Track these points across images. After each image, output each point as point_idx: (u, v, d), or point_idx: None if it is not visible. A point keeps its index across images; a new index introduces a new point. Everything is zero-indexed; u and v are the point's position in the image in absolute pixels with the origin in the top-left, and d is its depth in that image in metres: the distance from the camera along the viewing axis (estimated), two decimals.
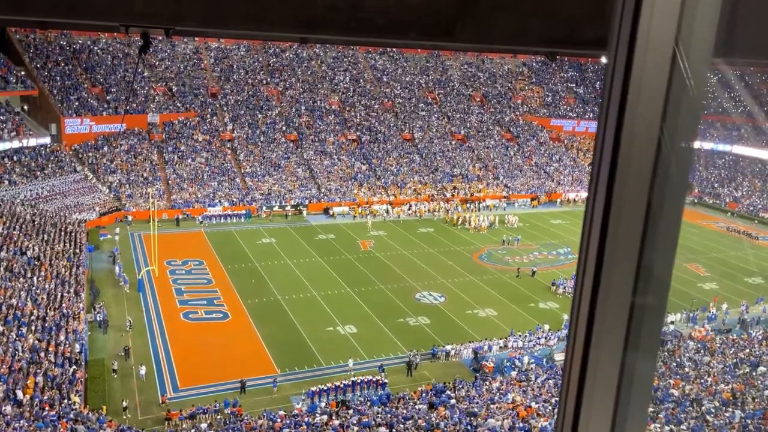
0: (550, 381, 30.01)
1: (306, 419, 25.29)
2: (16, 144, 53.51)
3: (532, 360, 32.69)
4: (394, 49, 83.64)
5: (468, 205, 64.34)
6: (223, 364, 30.74)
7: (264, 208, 58.30)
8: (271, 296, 39.35)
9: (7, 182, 49.57)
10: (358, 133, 71.74)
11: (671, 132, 1.14)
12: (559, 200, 69.55)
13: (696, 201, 73.59)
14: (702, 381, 28.87)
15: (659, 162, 1.15)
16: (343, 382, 28.92)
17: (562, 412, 1.31)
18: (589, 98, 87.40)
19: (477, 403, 27.15)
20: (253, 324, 35.37)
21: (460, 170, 70.81)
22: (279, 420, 25.05)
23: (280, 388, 28.92)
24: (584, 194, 71.28)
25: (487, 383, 30.02)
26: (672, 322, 37.80)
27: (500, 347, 33.56)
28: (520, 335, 34.67)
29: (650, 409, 25.20)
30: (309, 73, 77.58)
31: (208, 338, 33.62)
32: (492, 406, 26.65)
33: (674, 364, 31.51)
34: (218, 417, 26.35)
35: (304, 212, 59.12)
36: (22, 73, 57.76)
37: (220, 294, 39.44)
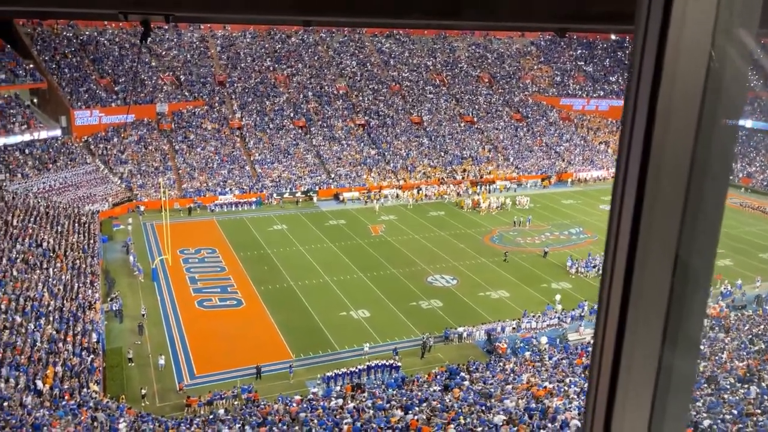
0: (564, 361, 30.05)
1: (322, 403, 25.53)
2: (27, 137, 53.87)
3: (546, 341, 32.72)
4: (400, 32, 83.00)
5: (478, 187, 64.11)
6: (239, 350, 31.04)
7: (274, 195, 58.44)
8: (284, 282, 39.57)
9: (20, 175, 49.99)
10: (366, 118, 71.51)
11: (712, 111, 1.08)
12: (570, 180, 69.13)
13: None
14: (717, 358, 28.78)
15: (699, 143, 1.09)
16: (358, 366, 29.12)
17: (592, 408, 1.26)
18: (598, 76, 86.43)
19: (491, 384, 27.25)
20: (266, 310, 35.63)
21: (469, 152, 70.48)
22: (295, 404, 25.31)
23: (296, 374, 29.18)
24: (595, 173, 70.80)
25: (501, 364, 30.11)
26: None
27: (513, 328, 33.60)
28: (533, 316, 34.67)
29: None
30: (316, 58, 77.25)
31: (222, 325, 33.92)
32: (506, 386, 26.74)
33: None
34: (235, 402, 26.67)
35: (315, 198, 59.20)
36: (31, 66, 57.97)
37: (234, 281, 39.71)
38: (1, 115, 53.66)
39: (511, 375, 28.44)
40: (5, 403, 23.71)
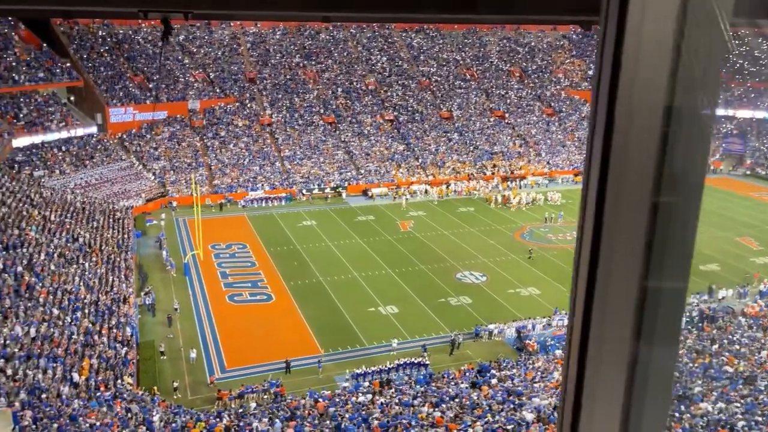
0: None
1: (350, 398, 25.61)
2: (64, 134, 55.13)
3: None
4: (430, 27, 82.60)
5: (509, 183, 63.50)
6: (268, 344, 31.33)
7: (304, 190, 58.77)
8: (313, 278, 39.79)
9: (57, 171, 51.19)
10: (395, 113, 71.38)
11: (679, 105, 1.00)
12: None
13: (748, 173, 70.94)
14: (757, 358, 28.03)
15: (665, 137, 1.01)
16: (387, 364, 29.10)
17: (561, 411, 1.19)
18: None
19: (521, 382, 26.99)
20: (296, 305, 35.88)
21: (500, 148, 69.85)
22: (323, 399, 25.43)
23: (325, 369, 29.32)
24: None
25: (531, 362, 29.81)
26: (723, 298, 36.73)
27: (543, 326, 33.22)
28: (564, 313, 34.22)
29: (700, 388, 24.62)
30: (345, 54, 77.36)
31: (252, 320, 34.27)
32: (536, 385, 26.46)
33: (725, 340, 30.65)
34: (265, 396, 26.93)
35: (344, 194, 59.36)
36: (68, 64, 59.24)
37: (264, 276, 40.08)
38: (39, 112, 55.00)
39: (541, 373, 28.14)
40: (43, 394, 24.35)
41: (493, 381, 26.93)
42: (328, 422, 23.13)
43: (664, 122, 1.00)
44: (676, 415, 22.35)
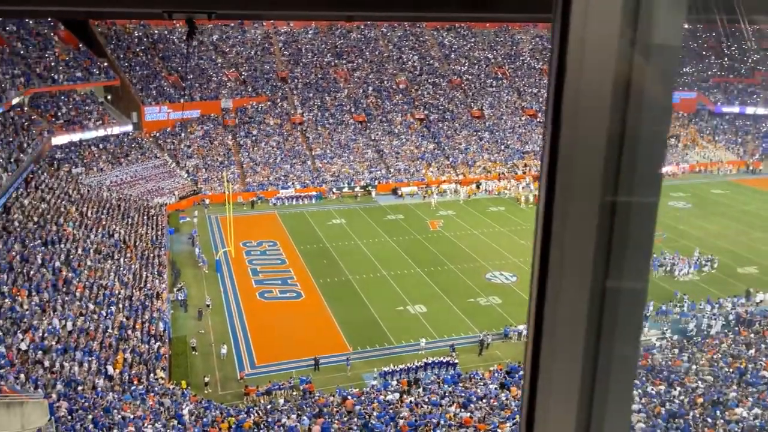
0: None
1: (378, 396, 25.66)
2: (101, 132, 56.39)
3: None
4: (462, 25, 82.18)
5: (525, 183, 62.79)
6: (298, 341, 31.58)
7: (334, 189, 59.05)
8: (342, 276, 39.96)
9: (94, 169, 52.40)
10: (425, 112, 71.23)
11: (627, 105, 0.97)
12: None
13: None
14: None
15: (614, 140, 0.98)
16: (415, 363, 29.09)
17: (521, 410, 1.19)
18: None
19: None
20: (325, 303, 36.09)
21: (531, 147, 69.15)
22: (351, 397, 25.53)
23: (353, 366, 29.44)
24: (665, 169, 68.03)
25: None
26: (760, 302, 35.78)
27: None
28: None
29: (735, 393, 24.02)
30: (376, 53, 77.46)
31: (282, 317, 34.58)
32: None
33: (763, 345, 29.85)
34: (293, 393, 27.16)
35: (373, 193, 59.46)
36: (105, 64, 60.56)
37: (294, 274, 40.40)
38: (77, 111, 56.37)
39: None
40: (79, 387, 24.97)
41: (522, 382, 26.66)
42: (355, 420, 23.22)
43: (611, 121, 0.98)
44: (710, 420, 21.85)
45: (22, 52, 54.55)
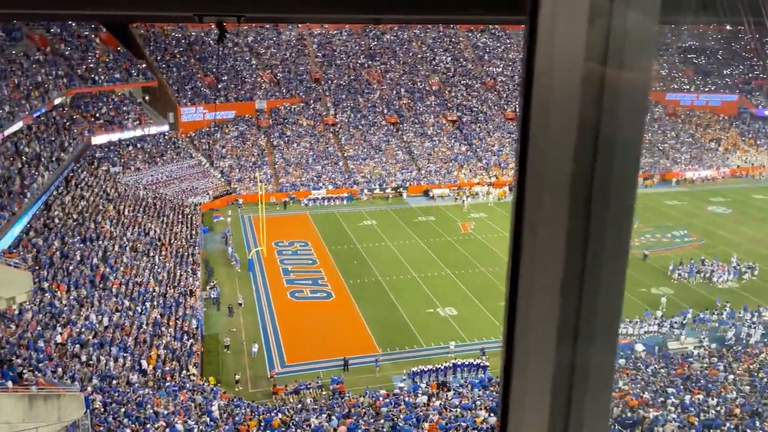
0: (663, 370, 28.46)
1: (406, 399, 25.60)
2: (139, 132, 57.59)
3: (643, 348, 31.14)
4: (496, 26, 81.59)
5: None
6: (327, 342, 31.71)
7: (365, 190, 59.20)
8: (373, 277, 40.01)
9: (132, 168, 53.53)
10: (458, 114, 70.91)
11: (599, 111, 0.94)
12: (675, 180, 65.33)
13: None
14: None
15: (585, 145, 0.95)
16: (444, 364, 28.98)
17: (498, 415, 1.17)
18: (710, 69, 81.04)
19: None
20: (355, 304, 36.17)
21: None
22: (380, 398, 25.54)
23: (382, 368, 29.44)
24: (704, 173, 66.54)
25: None
26: None
27: None
28: (629, 321, 33.08)
29: None
30: (410, 54, 77.43)
31: (312, 317, 34.78)
32: None
33: None
34: (322, 392, 27.28)
35: (404, 194, 59.42)
36: (143, 65, 61.84)
37: (324, 274, 40.61)
38: (116, 111, 57.68)
39: None
40: (114, 381, 25.51)
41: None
42: (382, 422, 23.21)
43: (580, 121, 0.95)
44: (748, 431, 21.23)
45: (66, 53, 56.05)
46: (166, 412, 23.15)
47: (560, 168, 0.98)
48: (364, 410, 24.47)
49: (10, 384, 18.23)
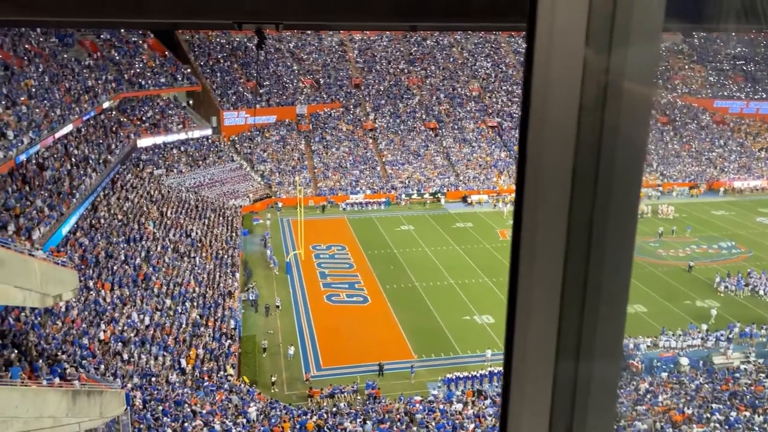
0: (707, 386, 27.57)
1: (441, 406, 25.41)
2: (182, 136, 58.88)
3: (688, 362, 30.24)
4: None
5: None
6: (363, 346, 31.74)
7: (403, 195, 59.18)
8: (409, 283, 39.90)
9: (175, 171, 54.72)
10: (498, 120, 70.33)
11: (601, 113, 0.90)
12: (722, 189, 63.39)
13: None
14: None
15: (585, 149, 0.91)
16: (480, 371, 28.68)
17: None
18: (761, 76, 78.48)
19: (621, 403, 25.64)
20: (391, 309, 36.13)
21: None
22: (415, 405, 25.42)
23: (417, 374, 29.30)
24: (753, 182, 64.42)
25: (634, 383, 28.24)
26: None
27: (648, 346, 31.39)
28: (672, 334, 32.18)
29: None
30: (450, 60, 77.24)
31: (348, 321, 34.88)
32: (639, 408, 25.05)
33: None
34: (357, 397, 27.29)
35: (442, 200, 59.17)
36: (188, 70, 63.27)
37: (361, 278, 40.70)
38: (162, 115, 59.10)
39: (646, 396, 26.59)
40: (153, 379, 26.03)
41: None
42: (416, 428, 23.08)
43: (579, 122, 0.91)
44: None
45: (116, 58, 57.74)
46: (203, 412, 23.50)
47: (559, 169, 0.95)
48: (398, 416, 24.37)
49: (57, 380, 18.77)
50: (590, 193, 0.95)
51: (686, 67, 79.93)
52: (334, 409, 25.99)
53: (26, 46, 45.19)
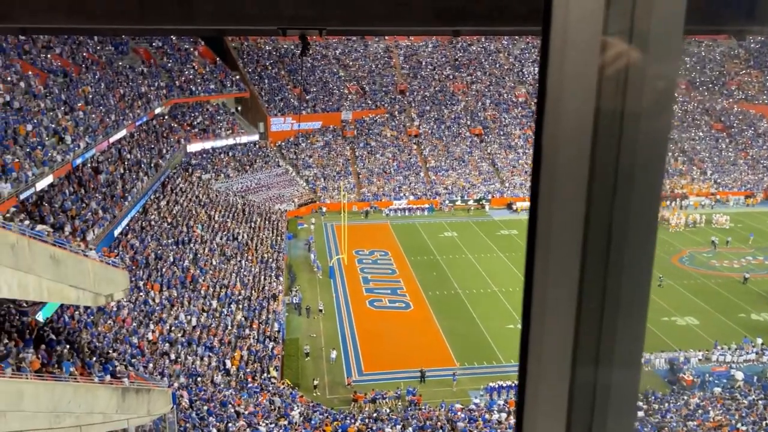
0: (761, 402, 26.44)
1: (483, 415, 25.11)
2: (231, 141, 60.11)
3: (742, 377, 29.08)
4: None
5: (668, 202, 58.99)
6: (405, 352, 31.65)
7: (447, 202, 58.91)
8: (452, 290, 39.64)
9: (223, 175, 55.87)
10: None
11: (616, 95, 0.88)
12: None
13: None
14: None
15: (606, 125, 0.89)
16: None
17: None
18: None
19: (671, 418, 24.83)
20: (433, 315, 35.95)
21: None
22: (457, 413, 25.19)
23: (459, 382, 29.04)
24: None
25: (685, 398, 27.32)
26: None
27: (700, 360, 30.32)
28: (726, 348, 31.00)
29: None
30: (496, 66, 76.65)
31: (390, 326, 34.86)
32: (690, 423, 24.20)
33: None
34: (399, 403, 27.22)
35: (487, 207, 58.62)
36: (237, 77, 64.57)
37: (403, 284, 40.64)
38: (211, 121, 60.48)
39: (697, 411, 25.68)
40: (199, 379, 26.55)
41: (639, 413, 25.03)
42: None
43: (595, 123, 0.90)
44: None
45: (168, 65, 59.43)
46: (246, 413, 23.83)
47: (575, 171, 0.92)
48: (440, 424, 24.20)
49: (108, 377, 19.35)
50: (609, 193, 0.92)
51: (742, 71, 77.22)
52: (375, 414, 25.97)
53: (84, 54, 46.95)
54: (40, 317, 22.62)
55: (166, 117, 56.54)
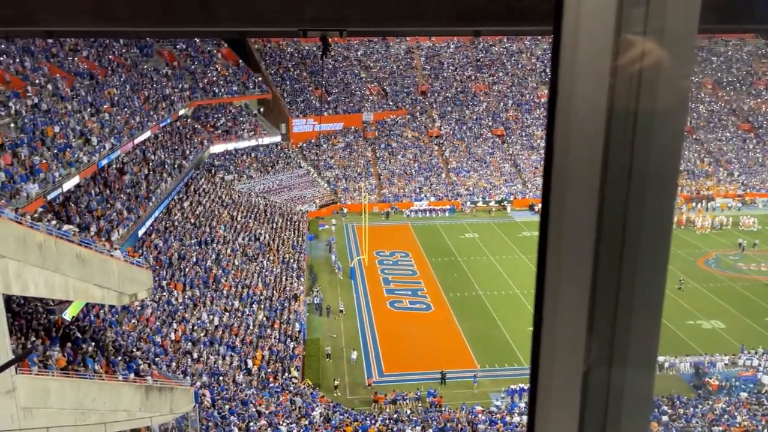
0: None
1: (504, 417, 24.96)
2: (253, 142, 60.62)
3: None
4: None
5: (694, 204, 58.06)
6: (425, 353, 31.59)
7: (468, 203, 58.68)
8: (473, 291, 39.47)
9: (245, 176, 56.33)
10: None
11: (629, 96, 0.88)
12: None
13: None
14: None
15: (618, 126, 0.89)
16: None
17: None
18: None
19: (697, 423, 24.43)
20: (454, 317, 35.83)
21: (685, 165, 64.15)
22: (477, 416, 25.07)
23: (480, 384, 28.90)
24: None
25: (710, 403, 26.86)
26: None
27: (726, 364, 29.78)
28: (753, 352, 30.41)
29: None
30: (518, 66, 76.18)
31: (411, 327, 34.81)
32: (715, 428, 23.78)
33: None
34: (419, 405, 27.17)
35: (509, 208, 58.27)
36: (259, 78, 65.09)
37: (424, 285, 40.57)
38: (233, 122, 61.03)
39: (723, 416, 25.23)
40: (221, 377, 26.79)
41: (664, 418, 24.68)
42: None
43: (607, 122, 0.89)
44: None
45: (192, 67, 60.14)
46: (267, 412, 23.99)
47: (587, 171, 0.92)
48: (460, 426, 24.10)
49: (132, 375, 19.62)
50: (622, 193, 0.91)
51: None
52: (395, 416, 25.95)
53: (110, 57, 47.71)
54: (67, 316, 23.03)
55: (190, 118, 57.19)
